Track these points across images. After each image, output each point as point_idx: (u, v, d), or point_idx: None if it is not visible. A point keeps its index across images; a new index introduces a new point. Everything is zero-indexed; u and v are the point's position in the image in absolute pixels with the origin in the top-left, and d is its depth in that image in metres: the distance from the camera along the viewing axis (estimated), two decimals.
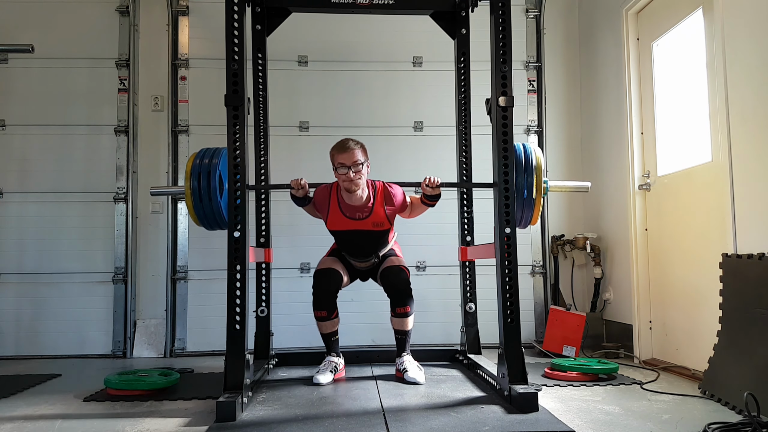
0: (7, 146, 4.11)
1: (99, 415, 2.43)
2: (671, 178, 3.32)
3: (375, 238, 3.00)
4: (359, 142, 2.90)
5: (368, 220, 2.94)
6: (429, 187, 2.83)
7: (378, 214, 2.94)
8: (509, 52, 2.65)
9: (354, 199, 2.91)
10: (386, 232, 3.03)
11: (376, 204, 2.94)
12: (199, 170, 2.83)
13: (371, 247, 3.04)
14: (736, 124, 2.66)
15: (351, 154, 2.82)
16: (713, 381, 2.61)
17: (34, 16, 4.16)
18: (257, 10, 3.30)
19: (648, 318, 3.51)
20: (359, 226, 2.94)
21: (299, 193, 2.92)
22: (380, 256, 3.07)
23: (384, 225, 2.96)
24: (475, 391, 2.68)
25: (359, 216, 2.94)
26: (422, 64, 4.32)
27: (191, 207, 2.85)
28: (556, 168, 4.37)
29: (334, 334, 3.06)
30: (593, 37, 4.22)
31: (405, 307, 2.95)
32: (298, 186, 2.89)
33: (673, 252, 3.28)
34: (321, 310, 2.96)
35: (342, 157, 2.83)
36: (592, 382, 2.91)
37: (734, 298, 2.59)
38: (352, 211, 2.94)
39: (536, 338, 4.13)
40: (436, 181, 2.82)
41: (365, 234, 2.97)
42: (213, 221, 2.91)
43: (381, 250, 3.08)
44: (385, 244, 3.09)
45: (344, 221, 2.95)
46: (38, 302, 4.03)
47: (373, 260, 3.07)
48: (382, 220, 2.95)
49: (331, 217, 2.98)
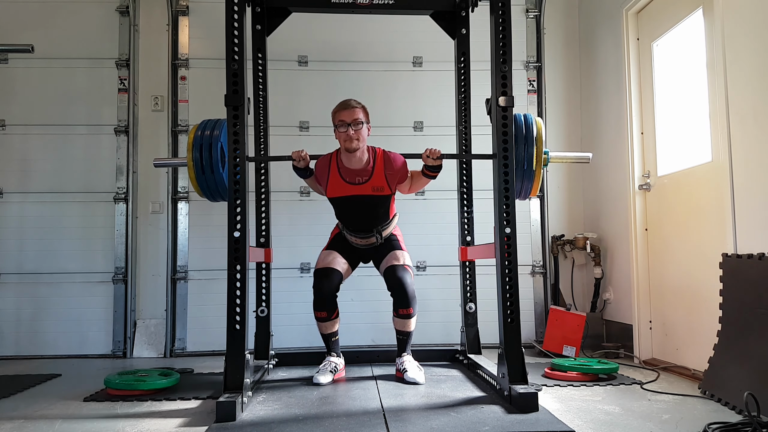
0: (7, 146, 4.11)
1: (99, 415, 2.43)
2: (671, 178, 3.32)
3: (375, 205, 2.98)
4: (361, 103, 2.94)
5: (368, 184, 2.94)
6: (430, 158, 2.86)
7: (378, 178, 2.94)
8: (509, 52, 2.65)
9: (354, 161, 2.93)
10: (387, 199, 3.01)
11: (376, 167, 2.95)
12: (200, 142, 2.83)
13: (371, 217, 3.01)
14: (736, 124, 2.66)
15: (352, 111, 2.88)
16: (713, 381, 2.61)
17: (34, 16, 4.16)
18: (257, 10, 3.30)
19: (648, 318, 3.51)
20: (359, 190, 2.94)
21: (300, 164, 2.94)
22: (382, 234, 3.02)
23: (384, 190, 2.96)
24: (475, 391, 2.68)
25: (359, 180, 2.95)
26: (422, 64, 4.32)
27: (194, 178, 2.86)
28: (555, 166, 4.36)
29: (334, 335, 3.05)
30: (593, 37, 4.22)
31: (408, 308, 2.92)
32: (299, 157, 2.90)
33: (673, 252, 3.28)
34: (321, 311, 2.95)
35: (343, 114, 2.88)
36: (592, 382, 2.91)
37: (734, 298, 2.59)
38: (352, 175, 2.95)
39: (536, 338, 4.13)
40: (437, 152, 2.85)
41: (365, 200, 2.96)
42: (216, 192, 2.92)
43: (382, 225, 3.03)
44: (386, 218, 3.05)
45: (344, 186, 2.96)
46: (38, 302, 4.03)
47: (375, 237, 3.02)
48: (382, 184, 2.95)
49: (331, 184, 2.98)
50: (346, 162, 2.95)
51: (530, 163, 2.77)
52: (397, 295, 2.91)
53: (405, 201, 3.90)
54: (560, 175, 4.38)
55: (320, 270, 2.98)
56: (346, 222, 3.06)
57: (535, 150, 2.78)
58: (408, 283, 2.90)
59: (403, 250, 3.05)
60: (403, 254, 3.02)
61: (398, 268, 2.92)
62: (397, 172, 2.98)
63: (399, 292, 2.90)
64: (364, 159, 2.95)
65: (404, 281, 2.89)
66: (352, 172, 2.95)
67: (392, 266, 2.94)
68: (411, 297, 2.91)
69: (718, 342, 2.66)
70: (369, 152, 2.98)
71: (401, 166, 2.99)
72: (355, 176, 2.95)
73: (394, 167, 2.97)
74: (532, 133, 2.78)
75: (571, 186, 4.39)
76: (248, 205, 2.61)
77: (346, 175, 2.96)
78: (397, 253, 3.01)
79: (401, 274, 2.90)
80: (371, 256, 3.11)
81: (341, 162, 2.97)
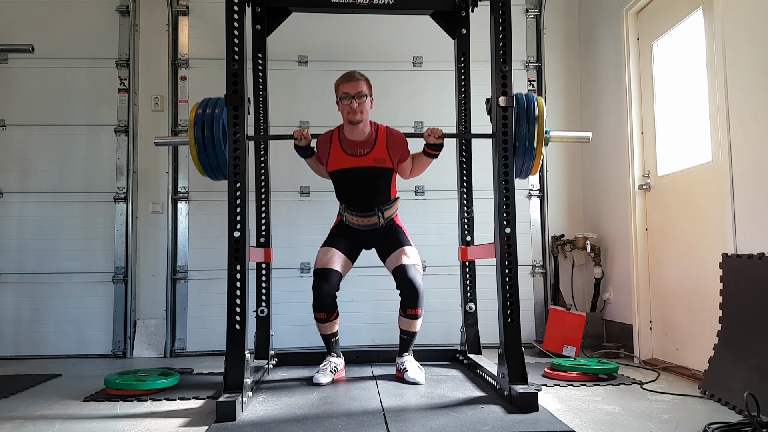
0: (7, 146, 4.11)
1: (99, 415, 2.43)
2: (671, 178, 3.32)
3: (377, 178, 2.97)
4: (364, 75, 2.95)
5: (370, 156, 2.94)
6: (431, 137, 2.87)
7: (380, 150, 2.95)
8: (509, 52, 2.65)
9: (356, 133, 2.94)
10: (389, 174, 2.99)
11: (378, 140, 2.96)
12: (202, 119, 2.82)
13: (373, 192, 2.98)
14: (736, 124, 2.66)
15: (356, 84, 2.89)
16: (713, 381, 2.61)
17: (34, 16, 4.15)
18: (257, 10, 3.30)
19: (648, 318, 3.51)
20: (360, 162, 2.94)
21: (302, 143, 2.93)
22: (384, 214, 2.98)
23: (386, 162, 2.95)
24: (475, 391, 2.68)
25: (360, 152, 2.95)
26: (422, 64, 4.32)
27: (195, 156, 2.85)
28: (556, 166, 4.37)
29: (334, 335, 3.04)
30: (593, 37, 4.22)
31: (416, 309, 2.90)
32: (301, 136, 2.91)
33: (673, 252, 3.28)
34: (320, 312, 2.94)
35: (347, 87, 2.89)
36: (592, 382, 2.91)
37: (734, 298, 2.59)
38: (354, 147, 2.95)
39: (536, 338, 4.13)
40: (439, 131, 2.87)
41: (367, 173, 2.95)
42: (218, 171, 2.91)
43: (384, 203, 3.00)
44: (388, 197, 3.02)
45: (345, 158, 2.95)
46: (38, 302, 4.03)
47: (377, 216, 2.98)
48: (384, 156, 2.95)
49: (332, 157, 2.98)
50: (348, 134, 2.96)
51: (531, 141, 2.77)
52: (407, 296, 2.88)
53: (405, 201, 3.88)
54: (560, 175, 4.38)
55: (319, 271, 2.95)
56: (347, 198, 3.03)
57: (536, 128, 2.77)
58: (419, 284, 2.87)
59: (411, 245, 3.01)
60: (412, 251, 2.98)
61: (410, 269, 2.88)
62: (399, 147, 2.98)
63: (409, 293, 2.87)
64: (366, 131, 2.95)
65: (415, 282, 2.86)
66: (353, 144, 2.95)
67: (403, 266, 2.89)
68: (420, 298, 2.89)
69: (718, 342, 2.66)
70: (371, 126, 2.99)
71: (403, 142, 3.00)
72: (357, 148, 2.95)
73: (395, 141, 2.98)
74: (534, 111, 2.78)
75: (571, 186, 4.39)
76: (248, 205, 2.61)
77: (348, 148, 2.96)
78: (406, 249, 2.97)
79: (413, 275, 2.87)
80: (373, 242, 3.06)
81: (343, 135, 2.98)
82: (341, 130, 3.00)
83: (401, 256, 2.93)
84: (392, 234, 3.03)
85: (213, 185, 4.05)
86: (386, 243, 3.02)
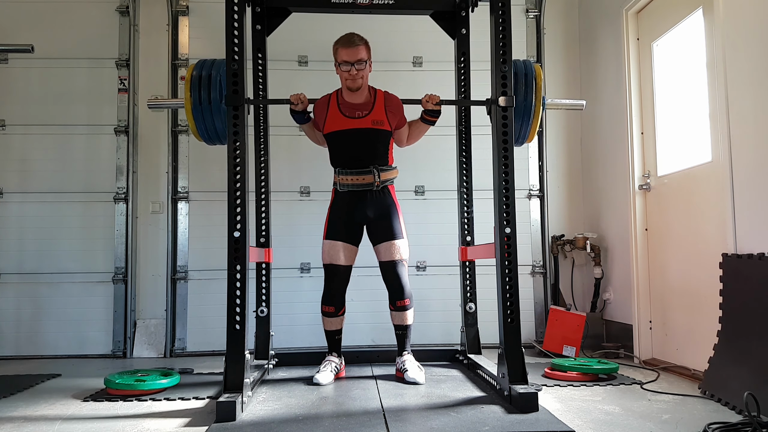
0: (7, 146, 4.11)
1: (99, 415, 2.43)
2: (671, 178, 3.32)
3: (374, 139, 2.95)
4: (364, 38, 2.91)
5: (368, 117, 2.93)
6: (429, 103, 2.90)
7: (378, 112, 2.94)
8: (509, 52, 2.65)
9: (354, 96, 2.94)
10: (386, 137, 2.99)
11: (377, 102, 2.96)
12: (199, 81, 2.77)
13: (370, 151, 2.96)
14: (736, 124, 2.66)
15: (356, 51, 2.85)
16: (713, 381, 2.61)
17: (34, 16, 4.15)
18: (257, 10, 3.30)
19: (648, 318, 3.51)
20: (358, 124, 2.93)
21: (299, 107, 2.90)
22: (380, 174, 2.94)
23: (384, 124, 2.95)
24: (475, 391, 2.68)
25: (359, 114, 2.94)
26: (422, 64, 4.32)
27: (192, 120, 2.81)
28: (556, 168, 4.37)
29: (338, 332, 3.07)
30: (593, 37, 4.22)
31: (404, 300, 2.95)
32: (298, 100, 2.88)
33: (673, 252, 3.28)
34: (330, 305, 2.99)
35: (346, 53, 2.85)
36: (592, 382, 2.91)
37: (734, 298, 2.59)
38: (352, 110, 2.95)
39: (536, 338, 4.13)
40: (437, 97, 2.90)
41: (364, 134, 2.93)
42: (214, 135, 2.87)
43: (381, 164, 2.97)
44: (385, 160, 3.00)
45: (343, 120, 2.94)
46: (38, 302, 4.03)
47: (372, 175, 2.93)
48: (382, 118, 2.94)
49: (329, 120, 2.96)
50: (347, 97, 2.96)
51: (529, 104, 2.84)
52: (393, 288, 2.96)
53: (405, 201, 3.90)
54: (560, 176, 4.38)
55: (330, 266, 2.98)
56: (342, 159, 2.99)
57: (534, 93, 2.84)
58: (405, 280, 2.95)
59: (403, 236, 2.98)
60: (403, 244, 2.97)
61: (397, 265, 2.95)
62: (396, 111, 3.00)
63: (394, 285, 2.95)
64: (364, 94, 2.96)
65: (402, 279, 2.95)
66: (352, 107, 2.95)
67: (392, 262, 2.95)
68: (406, 289, 2.95)
69: (718, 342, 2.66)
70: (369, 89, 2.99)
71: (400, 107, 3.02)
72: (355, 110, 2.94)
73: (393, 104, 2.99)
74: (532, 74, 2.87)
75: (571, 186, 4.39)
76: (248, 205, 2.61)
77: (346, 110, 2.95)
78: (397, 244, 2.95)
79: (399, 270, 2.95)
80: (368, 215, 2.97)
81: (341, 98, 2.98)
82: (339, 93, 3.00)
83: (391, 250, 2.95)
84: (387, 214, 2.98)
85: (213, 185, 4.08)
86: (380, 224, 2.97)
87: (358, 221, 3.01)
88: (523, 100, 2.84)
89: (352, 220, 3.00)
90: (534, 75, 2.89)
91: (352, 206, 2.99)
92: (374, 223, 2.99)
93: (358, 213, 2.99)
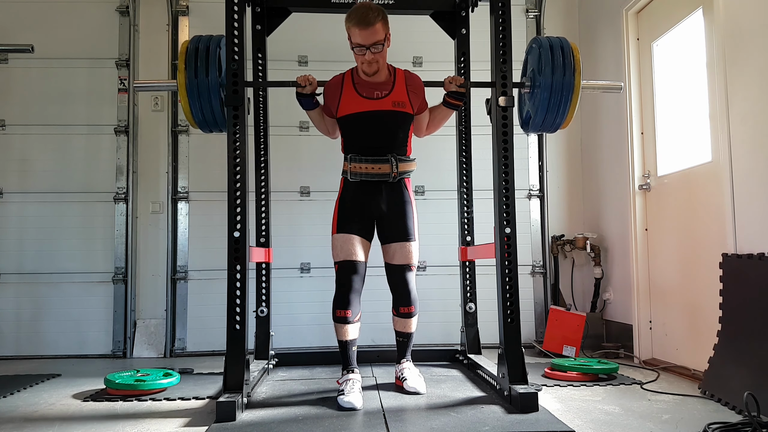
0: (7, 146, 4.11)
1: (99, 415, 2.43)
2: (671, 178, 3.32)
3: (395, 124, 2.66)
4: (380, 12, 2.52)
5: (388, 98, 2.63)
6: (453, 84, 2.67)
7: (399, 92, 2.65)
8: (509, 52, 2.65)
9: (372, 77, 2.65)
10: (407, 121, 2.71)
11: (398, 82, 2.67)
12: (195, 55, 2.49)
13: (389, 138, 2.66)
14: (736, 124, 2.66)
15: (371, 32, 2.49)
16: (713, 381, 2.61)
17: (34, 16, 4.15)
18: (257, 10, 3.30)
19: (648, 318, 3.51)
20: (377, 106, 2.62)
21: (307, 90, 2.60)
22: (398, 165, 2.66)
23: (405, 106, 2.66)
24: (475, 391, 2.68)
25: (377, 95, 2.63)
26: (422, 64, 4.32)
27: (186, 104, 2.51)
28: (556, 168, 4.37)
29: (353, 342, 2.69)
30: (593, 37, 4.22)
31: (410, 306, 2.75)
32: (306, 81, 2.59)
33: (673, 252, 3.28)
34: (345, 309, 2.62)
35: (360, 36, 2.51)
36: (592, 382, 2.91)
37: (734, 298, 2.59)
38: (370, 89, 2.64)
39: (536, 338, 4.13)
40: (460, 78, 2.70)
41: (384, 117, 2.63)
42: (211, 120, 2.60)
43: (400, 152, 2.70)
44: (404, 148, 2.73)
45: (360, 101, 2.62)
46: (38, 302, 4.03)
47: (389, 164, 2.65)
48: (404, 99, 2.65)
49: (344, 101, 2.64)
50: (364, 76, 2.65)
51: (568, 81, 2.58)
52: (399, 293, 2.75)
53: None
54: (560, 175, 4.38)
55: (345, 263, 2.63)
56: (358, 144, 2.68)
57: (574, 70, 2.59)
58: (411, 282, 2.74)
59: (415, 238, 2.75)
60: (414, 248, 2.74)
61: (407, 269, 2.73)
62: (419, 91, 2.72)
63: (401, 291, 2.74)
64: (384, 74, 2.67)
65: (408, 282, 2.74)
66: (370, 86, 2.64)
67: (400, 266, 2.72)
68: (413, 295, 2.75)
69: (718, 342, 2.66)
70: (389, 68, 2.70)
71: (422, 87, 2.75)
72: (374, 90, 2.64)
73: (415, 84, 2.72)
74: (569, 49, 2.65)
75: (571, 186, 4.39)
76: (248, 205, 2.61)
77: (363, 90, 2.64)
78: (409, 247, 2.71)
79: (408, 276, 2.74)
80: (379, 210, 2.70)
81: (357, 77, 2.67)
82: (354, 71, 2.69)
83: (402, 253, 2.71)
84: (401, 211, 2.72)
85: (213, 185, 4.08)
86: (393, 221, 2.71)
87: (369, 215, 2.71)
88: (561, 78, 2.59)
89: (364, 212, 2.70)
90: (571, 49, 2.65)
91: (365, 198, 2.69)
92: (386, 218, 2.71)
93: (371, 206, 2.70)
